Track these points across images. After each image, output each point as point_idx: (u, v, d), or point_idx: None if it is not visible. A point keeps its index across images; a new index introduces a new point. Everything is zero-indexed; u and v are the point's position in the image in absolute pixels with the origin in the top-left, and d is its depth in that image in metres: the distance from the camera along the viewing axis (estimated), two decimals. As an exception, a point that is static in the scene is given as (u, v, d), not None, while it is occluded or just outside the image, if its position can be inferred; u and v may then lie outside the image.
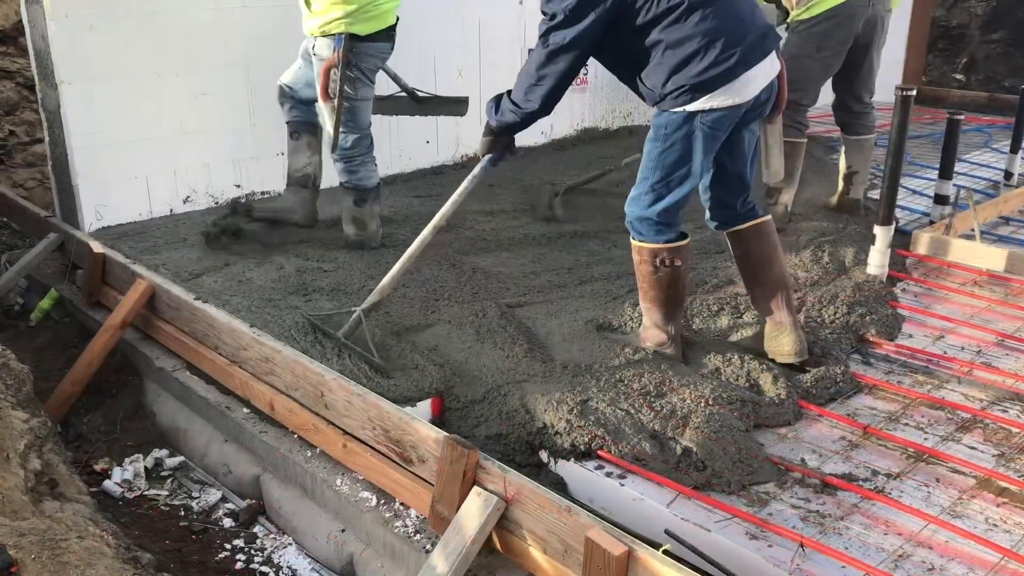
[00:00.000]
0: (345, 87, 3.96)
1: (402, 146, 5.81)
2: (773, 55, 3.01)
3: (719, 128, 2.97)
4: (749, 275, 3.35)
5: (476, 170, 3.35)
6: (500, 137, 3.27)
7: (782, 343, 3.29)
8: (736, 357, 3.28)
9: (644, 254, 3.19)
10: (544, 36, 2.93)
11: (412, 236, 3.53)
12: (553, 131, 6.70)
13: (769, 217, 3.32)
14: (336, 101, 3.96)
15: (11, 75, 6.00)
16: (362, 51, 3.98)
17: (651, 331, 3.34)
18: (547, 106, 3.06)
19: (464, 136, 6.15)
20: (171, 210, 4.88)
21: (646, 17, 2.85)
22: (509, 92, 3.12)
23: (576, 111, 6.79)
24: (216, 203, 5.04)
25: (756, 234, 3.27)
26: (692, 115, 2.92)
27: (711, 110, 2.91)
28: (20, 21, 5.03)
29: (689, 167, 3.01)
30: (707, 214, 3.37)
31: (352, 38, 3.92)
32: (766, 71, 2.98)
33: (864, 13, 4.39)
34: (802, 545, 2.38)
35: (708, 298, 3.79)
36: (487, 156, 3.32)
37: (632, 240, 3.23)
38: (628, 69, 3.06)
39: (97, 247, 4.15)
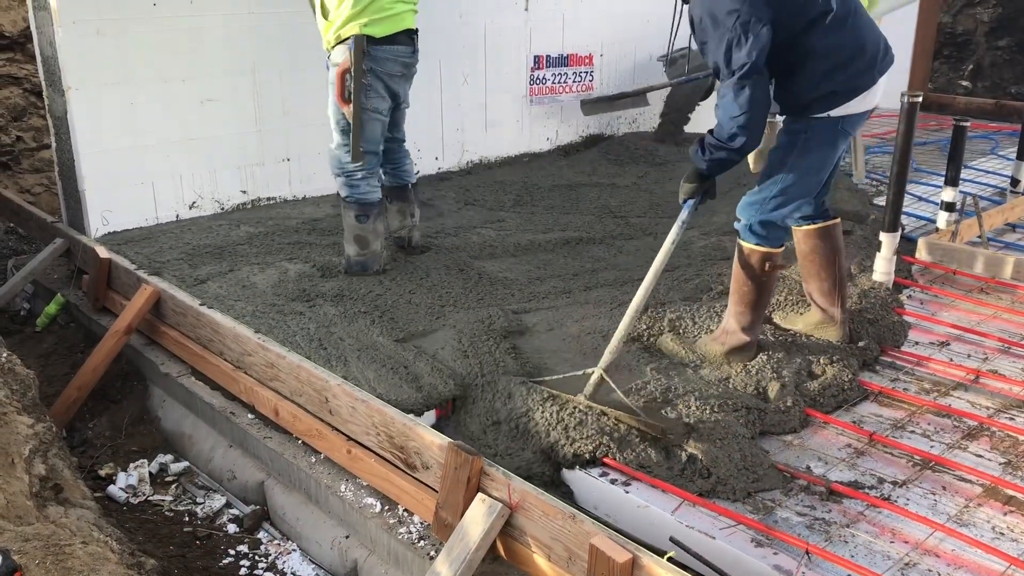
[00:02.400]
0: (361, 94, 3.85)
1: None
2: None
3: (851, 131, 3.16)
4: (811, 272, 3.47)
5: (683, 215, 3.21)
6: (704, 182, 3.18)
7: (828, 334, 3.49)
8: (746, 365, 3.28)
9: (755, 257, 3.24)
10: (727, 63, 2.88)
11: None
12: (559, 137, 6.71)
13: (839, 220, 3.47)
14: (353, 105, 3.85)
15: (18, 81, 6.03)
16: (379, 54, 3.88)
17: (734, 335, 3.35)
18: (753, 133, 2.97)
19: (468, 143, 6.17)
20: (177, 216, 4.90)
21: (801, 23, 2.94)
22: (711, 131, 3.04)
23: (582, 118, 6.80)
24: (222, 209, 5.05)
25: (826, 234, 3.42)
26: (835, 119, 3.07)
27: (850, 115, 3.08)
28: (28, 27, 5.06)
29: (821, 170, 3.17)
30: None
31: (369, 40, 3.81)
32: (886, 80, 3.16)
33: None
34: (808, 552, 2.36)
35: (715, 305, 3.78)
36: (691, 201, 3.20)
37: (745, 244, 3.26)
38: (773, 76, 3.09)
39: (103, 252, 4.16)
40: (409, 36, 3.99)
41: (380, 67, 3.89)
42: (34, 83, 5.89)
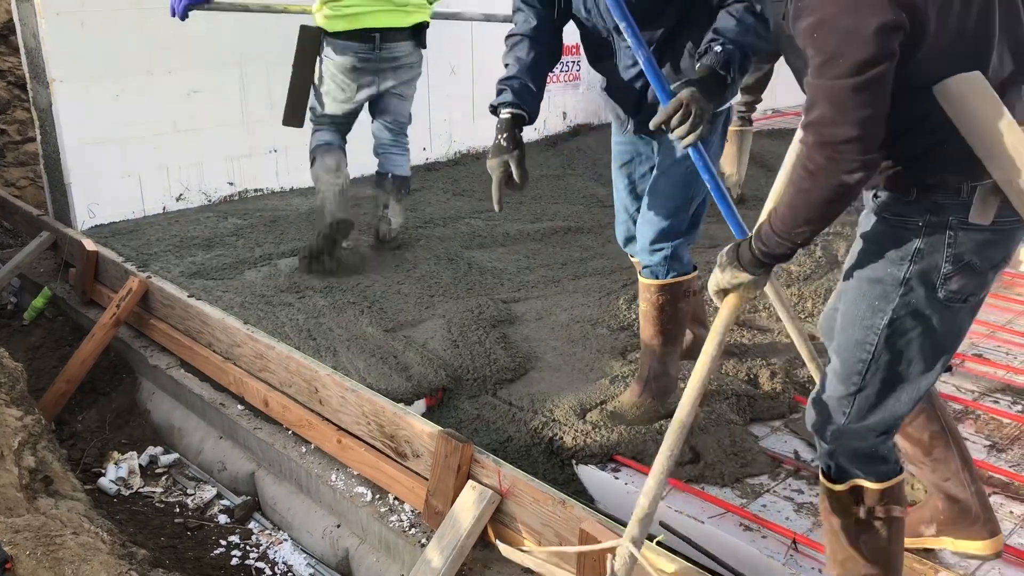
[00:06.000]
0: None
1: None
2: None
3: None
4: None
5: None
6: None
7: None
8: (736, 353, 3.30)
9: (675, 289, 2.84)
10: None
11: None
12: (546, 127, 6.71)
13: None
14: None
15: (2, 74, 5.98)
16: (334, 46, 4.03)
17: (666, 382, 2.94)
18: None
19: (456, 133, 6.16)
20: (164, 208, 4.88)
21: None
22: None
23: (569, 107, 6.80)
24: (209, 200, 5.04)
25: None
26: None
27: None
28: (11, 19, 5.02)
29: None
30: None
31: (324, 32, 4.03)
32: None
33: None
34: (795, 542, 2.38)
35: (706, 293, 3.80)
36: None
37: (658, 281, 2.81)
38: None
39: (90, 245, 4.15)
40: (361, 35, 3.98)
41: (334, 56, 4.03)
42: (18, 76, 5.84)
